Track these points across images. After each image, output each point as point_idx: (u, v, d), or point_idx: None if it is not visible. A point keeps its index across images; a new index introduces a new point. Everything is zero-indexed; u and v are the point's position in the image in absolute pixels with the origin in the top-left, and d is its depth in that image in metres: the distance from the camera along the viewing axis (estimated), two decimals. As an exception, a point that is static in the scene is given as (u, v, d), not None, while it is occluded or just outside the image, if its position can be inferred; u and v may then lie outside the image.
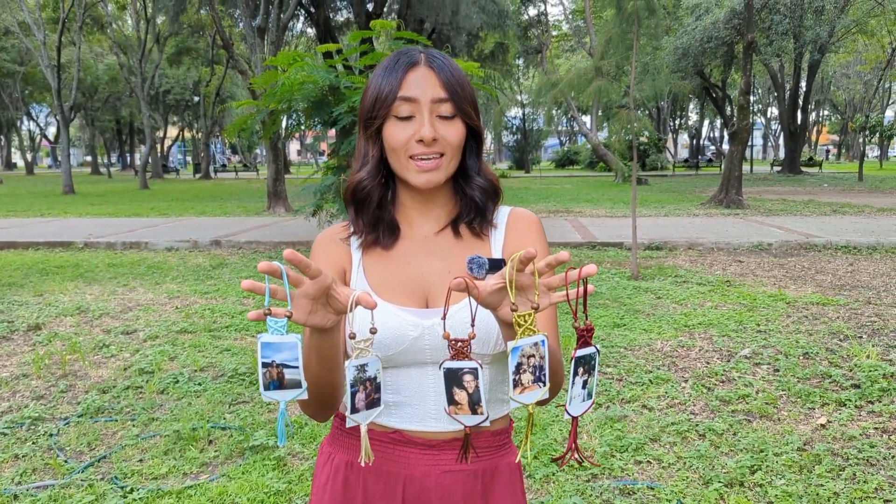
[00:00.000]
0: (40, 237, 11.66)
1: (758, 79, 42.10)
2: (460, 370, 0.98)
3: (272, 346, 0.94)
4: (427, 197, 1.26)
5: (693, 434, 3.71)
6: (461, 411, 1.00)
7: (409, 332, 1.18)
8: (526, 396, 0.97)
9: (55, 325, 6.06)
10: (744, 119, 14.87)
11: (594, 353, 1.01)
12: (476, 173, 1.27)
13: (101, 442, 3.72)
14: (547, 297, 0.97)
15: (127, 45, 36.49)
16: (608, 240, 10.67)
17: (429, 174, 1.18)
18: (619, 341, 5.33)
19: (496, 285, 0.95)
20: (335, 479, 1.25)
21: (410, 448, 1.21)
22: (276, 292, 0.93)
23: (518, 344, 0.95)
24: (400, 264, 1.25)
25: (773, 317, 6.01)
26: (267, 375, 0.95)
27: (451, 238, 1.27)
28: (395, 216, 1.28)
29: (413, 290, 1.22)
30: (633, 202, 8.32)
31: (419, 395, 1.21)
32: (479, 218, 1.27)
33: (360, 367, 1.00)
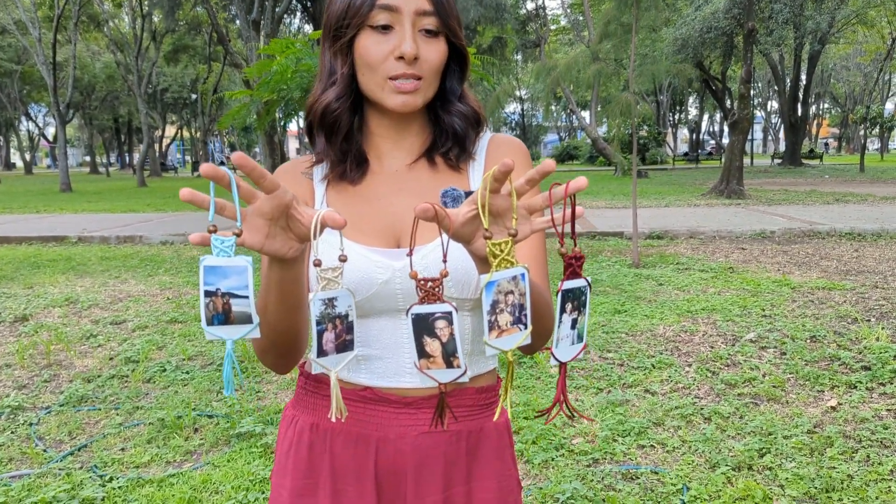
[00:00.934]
0: (34, 232, 11.52)
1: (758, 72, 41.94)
2: (431, 315, 0.81)
3: (217, 270, 0.77)
4: (400, 124, 1.11)
5: (698, 417, 3.57)
6: (434, 365, 0.83)
7: (378, 275, 1.02)
8: (504, 341, 0.81)
9: (43, 315, 5.91)
10: (744, 108, 14.71)
11: (585, 287, 0.84)
12: (457, 98, 1.11)
13: (83, 431, 3.57)
14: (528, 223, 0.82)
15: (123, 43, 36.32)
16: (608, 229, 10.52)
17: (406, 96, 1.02)
18: (620, 327, 5.19)
19: (469, 212, 0.79)
20: (298, 445, 1.10)
21: (383, 407, 1.06)
22: (223, 207, 0.77)
23: (493, 278, 0.79)
24: (368, 201, 1.09)
25: (778, 301, 5.86)
26: (210, 307, 0.77)
27: (426, 171, 1.12)
28: (364, 147, 1.13)
29: (383, 229, 1.07)
30: (634, 188, 8.17)
31: (392, 347, 1.06)
32: (458, 148, 1.12)
33: (328, 302, 0.83)
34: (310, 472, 1.08)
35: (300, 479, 1.09)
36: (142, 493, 2.88)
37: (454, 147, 1.12)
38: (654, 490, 2.87)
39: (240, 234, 0.78)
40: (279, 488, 1.11)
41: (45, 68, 25.27)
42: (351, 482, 1.07)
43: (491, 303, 0.79)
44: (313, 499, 1.08)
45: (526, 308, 0.81)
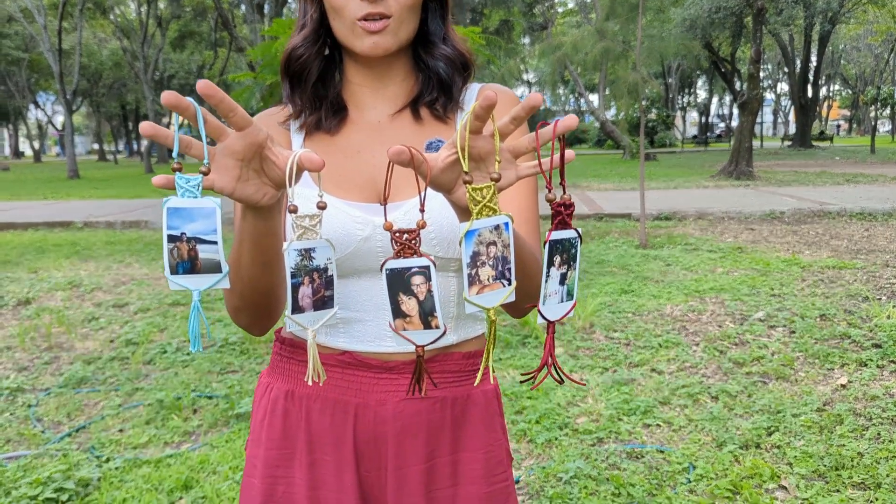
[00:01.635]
0: (40, 218, 11.51)
1: (768, 53, 41.49)
2: (407, 270, 0.74)
3: (181, 212, 0.69)
4: (379, 71, 1.03)
5: (705, 396, 3.50)
6: (410, 325, 0.75)
7: (357, 231, 0.95)
8: (485, 298, 0.73)
9: (46, 299, 5.88)
10: (754, 89, 14.52)
11: (575, 239, 0.76)
12: (440, 40, 1.04)
13: (82, 412, 3.54)
14: (513, 168, 0.74)
15: (129, 30, 36.24)
16: (616, 211, 10.42)
17: (375, 37, 0.94)
18: (626, 307, 5.11)
19: (449, 157, 0.72)
20: (273, 414, 1.03)
21: (363, 372, 1.00)
22: (189, 145, 0.70)
23: (473, 227, 0.70)
24: (348, 154, 1.02)
25: (787, 281, 5.77)
26: (175, 253, 0.70)
27: (409, 122, 1.04)
28: (343, 96, 1.06)
29: (363, 183, 1.00)
30: (642, 168, 8.06)
31: (372, 309, 0.99)
32: (444, 97, 1.04)
33: (305, 253, 0.74)
34: (284, 442, 1.02)
35: (274, 450, 1.02)
36: (139, 473, 2.84)
37: (440, 96, 1.04)
38: (659, 469, 2.81)
39: (207, 172, 0.71)
40: (253, 459, 1.05)
41: (51, 55, 25.25)
42: (329, 451, 1.01)
43: (471, 254, 0.71)
44: (288, 469, 1.02)
45: (510, 261, 0.74)
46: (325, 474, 1.01)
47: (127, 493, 2.68)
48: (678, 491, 2.63)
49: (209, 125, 0.70)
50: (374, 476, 1.01)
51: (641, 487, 2.65)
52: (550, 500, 2.59)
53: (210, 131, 0.71)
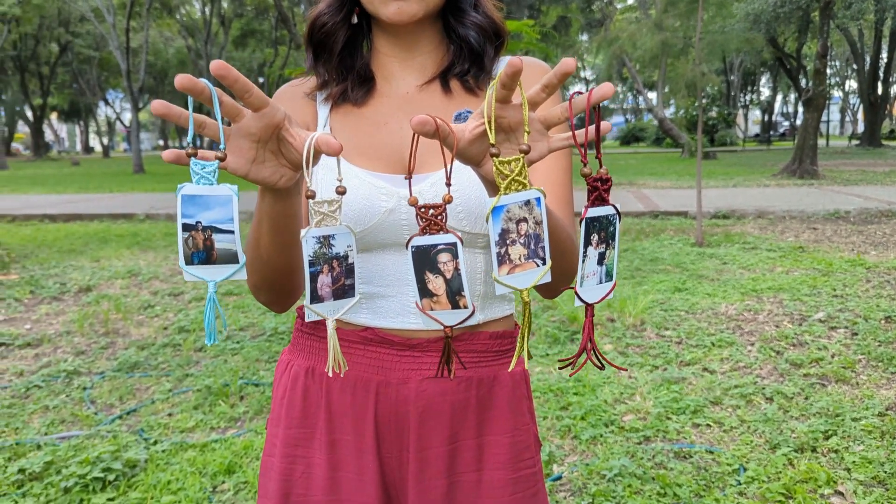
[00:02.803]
0: (105, 210, 11.87)
1: (835, 49, 40.14)
2: (433, 248, 0.70)
3: (197, 200, 0.67)
4: (408, 41, 1.00)
5: (759, 397, 3.38)
6: (438, 305, 0.72)
7: (382, 202, 0.92)
8: (517, 278, 0.69)
9: (105, 286, 6.05)
10: (820, 84, 14.03)
11: (613, 216, 0.72)
12: (471, 7, 1.00)
13: (133, 396, 3.62)
14: (545, 140, 0.70)
15: (194, 29, 37.13)
16: (672, 209, 10.20)
17: (399, 2, 0.91)
18: (679, 305, 4.99)
19: (478, 128, 0.68)
20: (293, 392, 1.02)
21: (385, 349, 0.97)
22: (203, 124, 0.68)
23: (501, 202, 0.67)
24: (375, 124, 1.00)
25: (850, 282, 5.55)
26: (189, 243, 0.67)
27: (438, 94, 1.01)
28: (371, 67, 1.04)
29: (389, 154, 0.97)
30: (699, 167, 7.86)
31: (396, 284, 0.96)
32: (476, 67, 1.01)
33: (323, 240, 0.71)
34: (304, 421, 1.00)
35: (294, 428, 1.01)
36: (184, 456, 2.88)
37: (472, 67, 1.00)
38: (707, 469, 2.72)
39: (223, 157, 0.69)
40: (273, 438, 1.03)
41: (119, 54, 26.02)
42: (349, 431, 0.98)
43: (499, 232, 0.68)
44: (308, 449, 1.00)
45: (543, 239, 0.69)
46: (345, 455, 0.98)
47: (172, 475, 2.72)
48: (727, 493, 2.54)
49: (224, 106, 0.68)
50: (395, 459, 0.99)
51: (689, 488, 2.57)
52: (593, 497, 2.53)
53: (225, 112, 0.69)
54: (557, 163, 0.97)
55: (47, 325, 4.89)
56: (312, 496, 0.98)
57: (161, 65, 43.30)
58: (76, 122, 62.49)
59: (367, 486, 0.97)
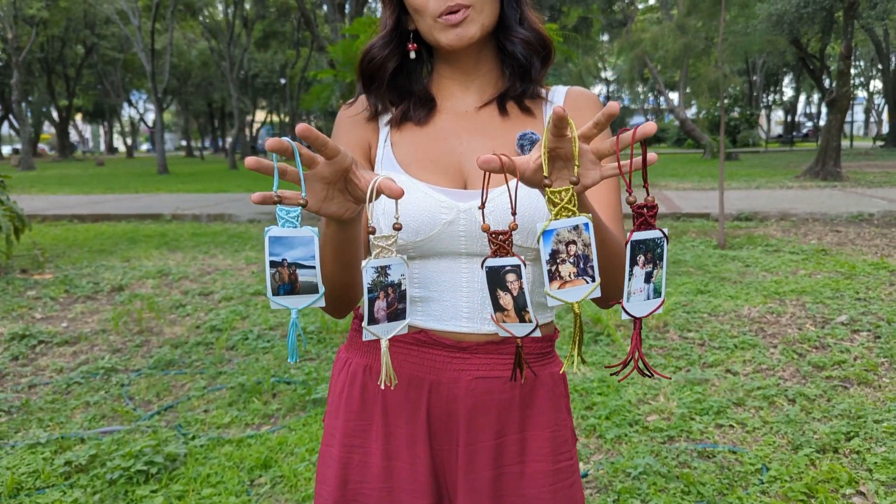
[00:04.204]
0: (132, 210, 12.09)
1: (860, 49, 39.66)
2: (502, 269, 0.81)
3: (283, 241, 0.78)
4: (467, 64, 1.09)
5: (782, 399, 3.43)
6: (508, 319, 0.83)
7: (442, 215, 1.01)
8: (568, 293, 0.78)
9: (137, 286, 6.20)
10: (843, 86, 13.95)
11: (661, 239, 0.80)
12: (517, 23, 1.08)
13: (170, 393, 3.74)
14: (597, 169, 0.79)
15: (217, 30, 37.50)
16: (694, 210, 10.21)
17: (457, 29, 1.00)
18: (702, 307, 5.03)
19: (539, 159, 0.77)
20: (352, 387, 1.11)
21: (437, 350, 1.06)
22: (285, 172, 0.78)
23: (551, 227, 0.76)
24: (434, 140, 1.08)
25: (874, 285, 5.56)
26: (276, 277, 0.78)
27: (496, 115, 1.09)
28: (432, 89, 1.12)
29: (448, 168, 1.06)
30: (721, 169, 7.88)
31: (451, 289, 1.05)
32: (525, 82, 1.09)
33: (381, 270, 0.83)
34: (362, 413, 1.09)
35: (353, 421, 1.10)
36: (221, 451, 2.99)
37: (524, 84, 1.09)
38: (731, 469, 2.78)
39: (306, 203, 0.79)
40: (331, 429, 1.12)
41: (144, 56, 26.37)
42: (403, 424, 1.07)
43: (550, 252, 0.78)
44: (365, 440, 1.09)
45: (592, 259, 0.78)
46: (399, 446, 1.07)
47: (211, 469, 2.83)
48: (750, 492, 2.60)
49: (303, 157, 0.78)
50: (446, 451, 1.07)
51: (712, 486, 2.64)
52: (619, 494, 2.61)
53: (304, 162, 0.79)
54: (610, 186, 1.06)
55: (83, 324, 5.03)
56: (368, 483, 1.07)
57: (184, 66, 43.74)
58: (100, 123, 63.32)
59: (419, 476, 1.06)
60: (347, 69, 8.90)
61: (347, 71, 8.93)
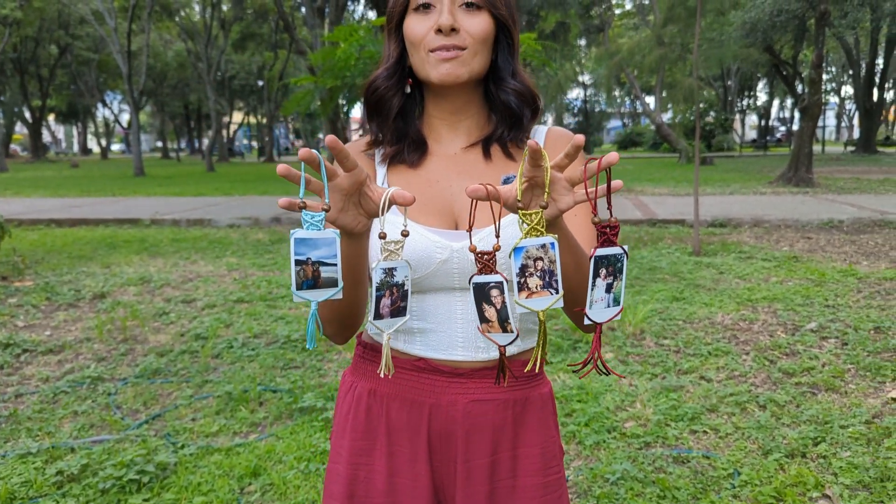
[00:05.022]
0: (110, 214, 12.03)
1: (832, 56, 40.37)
2: (487, 285, 0.92)
3: (308, 242, 0.87)
4: (455, 106, 1.17)
5: (753, 405, 3.56)
6: (492, 329, 0.93)
7: (437, 254, 1.10)
8: (535, 302, 0.89)
9: (119, 293, 6.22)
10: (815, 94, 14.24)
11: (621, 255, 0.91)
12: (510, 75, 1.17)
13: (157, 401, 3.79)
14: (571, 195, 0.89)
15: (194, 32, 37.29)
16: (669, 217, 10.40)
17: (448, 65, 1.09)
18: (677, 314, 5.17)
19: (521, 188, 0.88)
20: (357, 408, 1.20)
21: (436, 376, 1.15)
22: (310, 182, 0.87)
23: (521, 244, 0.87)
24: (427, 183, 1.17)
25: (842, 292, 5.74)
26: (301, 273, 0.88)
27: (480, 157, 1.18)
28: (423, 130, 1.21)
29: (441, 210, 1.15)
30: (696, 176, 8.06)
31: (447, 321, 1.14)
32: (515, 130, 1.18)
33: (388, 271, 0.94)
34: (367, 433, 1.18)
35: (358, 440, 1.19)
36: (211, 460, 3.05)
37: (512, 130, 1.18)
38: (704, 474, 2.90)
39: (328, 209, 0.89)
40: (338, 448, 1.21)
41: (120, 57, 26.15)
42: (405, 443, 1.16)
43: (520, 266, 0.88)
44: (370, 458, 1.18)
45: (556, 274, 0.89)
46: (402, 463, 1.16)
47: (201, 477, 2.90)
48: (722, 496, 2.72)
49: (327, 169, 0.88)
50: (445, 468, 1.17)
51: (686, 491, 2.75)
52: (598, 499, 2.71)
53: (327, 173, 0.88)
54: (584, 208, 1.16)
55: (66, 332, 5.06)
56: (373, 497, 1.16)
57: (161, 67, 43.39)
58: (74, 124, 62.56)
59: (420, 491, 1.15)
60: (327, 75, 8.97)
61: (327, 77, 9.00)
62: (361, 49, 8.34)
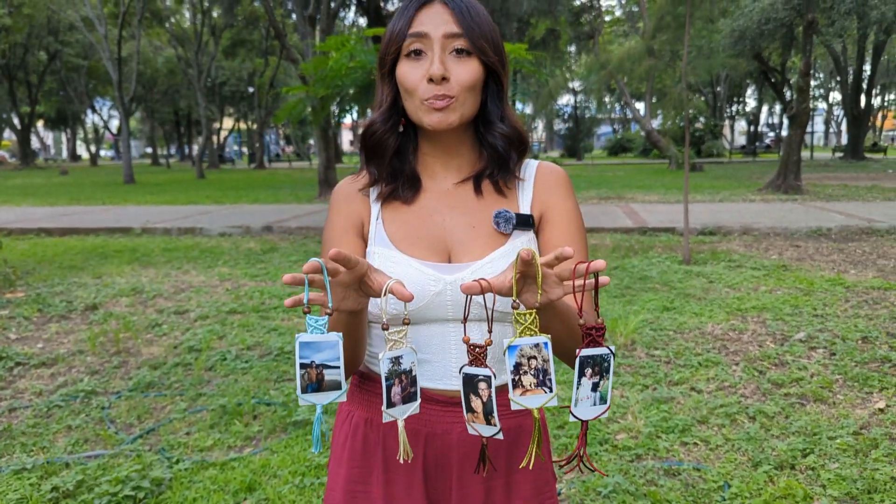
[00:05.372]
0: (101, 223, 12.00)
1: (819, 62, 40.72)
2: (476, 377, 0.96)
3: (312, 345, 0.90)
4: (447, 145, 1.21)
5: (743, 416, 3.61)
6: (477, 420, 0.97)
7: (431, 286, 1.14)
8: (529, 399, 0.92)
9: (111, 304, 6.22)
10: (803, 101, 14.37)
11: (607, 355, 0.94)
12: (498, 119, 1.21)
13: (151, 415, 3.80)
14: (561, 288, 0.93)
15: (184, 38, 37.25)
16: (660, 225, 10.46)
17: (440, 113, 1.13)
18: (668, 324, 5.22)
19: (511, 280, 0.92)
20: (354, 437, 1.23)
21: (432, 405, 1.18)
22: (313, 282, 0.90)
23: (515, 343, 0.91)
24: (421, 217, 1.21)
25: (830, 301, 5.81)
26: (305, 377, 0.90)
27: (471, 192, 1.22)
28: (417, 168, 1.25)
29: (434, 243, 1.19)
30: (686, 184, 8.13)
31: (441, 352, 1.18)
32: (502, 171, 1.22)
33: (395, 360, 0.97)
34: (364, 461, 1.21)
35: (355, 468, 1.21)
36: (206, 475, 3.07)
37: (500, 170, 1.22)
38: (695, 486, 2.94)
39: (332, 313, 0.92)
40: (335, 476, 1.24)
41: (110, 64, 26.09)
42: (401, 471, 1.19)
43: (514, 364, 0.92)
44: (366, 485, 1.21)
45: (550, 373, 0.92)
46: (398, 491, 1.19)
47: (197, 493, 2.91)
48: (713, 508, 2.76)
49: (329, 270, 0.91)
50: (440, 495, 1.20)
51: (677, 504, 2.79)
52: (590, 512, 2.74)
53: (329, 272, 0.92)
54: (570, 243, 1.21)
55: (59, 345, 5.06)
56: None
57: (151, 73, 43.32)
58: (63, 130, 62.29)
59: None
60: (319, 85, 9.01)
61: (319, 87, 9.04)
62: (352, 58, 8.39)
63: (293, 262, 8.26)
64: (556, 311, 0.99)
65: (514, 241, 1.18)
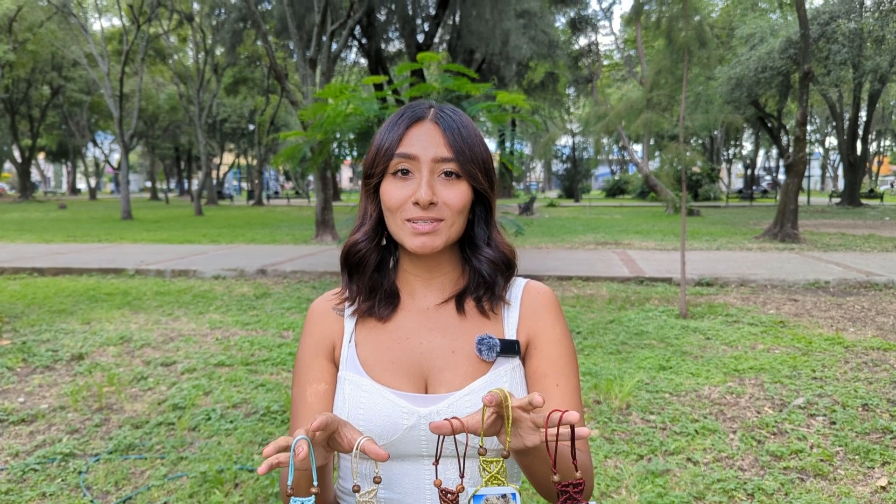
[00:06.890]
0: (95, 263, 11.92)
1: (816, 108, 41.12)
2: None
3: None
4: (429, 263, 1.15)
5: (741, 493, 3.49)
6: None
7: (403, 420, 1.06)
8: None
9: (98, 354, 6.10)
10: (800, 151, 14.42)
11: None
12: (485, 243, 1.14)
13: (129, 481, 3.67)
14: (537, 434, 0.87)
15: (186, 76, 37.58)
16: (657, 274, 10.40)
17: (424, 238, 1.06)
18: (664, 386, 5.11)
19: (488, 419, 0.86)
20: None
21: None
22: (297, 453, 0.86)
23: (481, 492, 0.85)
24: (396, 340, 1.13)
25: (829, 362, 5.71)
26: None
27: (453, 313, 1.15)
28: (396, 283, 1.18)
29: (410, 370, 1.10)
30: (683, 237, 8.08)
31: (414, 491, 1.09)
32: (488, 294, 1.15)
33: None
34: None
35: None
36: (181, 552, 2.94)
37: (485, 293, 1.15)
38: (691, 573, 2.81)
39: (318, 493, 0.88)
40: None
41: (112, 101, 26.25)
42: None
43: None
44: None
45: None
46: None
47: (170, 574, 2.78)
48: None
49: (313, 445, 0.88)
50: None
51: None
52: None
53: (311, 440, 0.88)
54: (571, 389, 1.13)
55: (40, 399, 4.94)
56: None
57: (152, 109, 43.67)
58: (63, 163, 62.57)
59: None
60: (317, 130, 9.02)
61: (317, 131, 9.05)
62: (349, 105, 8.41)
63: (285, 310, 8.16)
64: (540, 455, 0.91)
65: (497, 370, 1.10)
